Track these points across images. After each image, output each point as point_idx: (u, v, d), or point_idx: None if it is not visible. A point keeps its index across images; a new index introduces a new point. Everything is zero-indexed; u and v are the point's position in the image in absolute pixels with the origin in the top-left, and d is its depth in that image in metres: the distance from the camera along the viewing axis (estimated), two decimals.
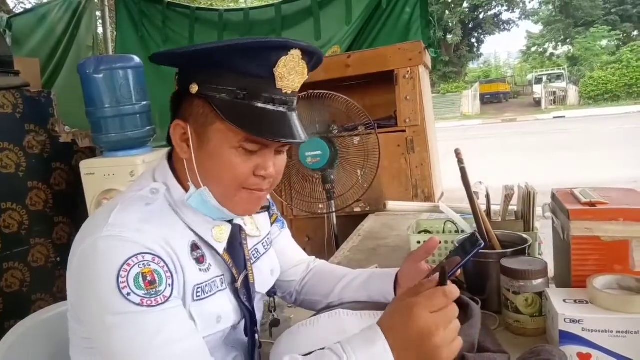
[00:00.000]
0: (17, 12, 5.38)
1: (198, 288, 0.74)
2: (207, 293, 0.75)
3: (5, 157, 2.26)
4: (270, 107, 0.71)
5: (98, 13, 3.97)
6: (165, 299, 0.66)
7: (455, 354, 0.62)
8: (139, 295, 0.64)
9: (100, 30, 4.02)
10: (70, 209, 2.53)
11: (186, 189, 0.78)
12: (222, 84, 0.70)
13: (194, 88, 0.71)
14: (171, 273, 0.68)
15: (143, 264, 0.65)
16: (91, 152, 2.61)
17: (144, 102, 2.28)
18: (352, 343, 0.62)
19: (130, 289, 0.64)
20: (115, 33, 3.78)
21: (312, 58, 0.75)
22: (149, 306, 0.64)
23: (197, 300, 0.73)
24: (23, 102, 2.34)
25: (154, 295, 0.65)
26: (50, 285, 2.43)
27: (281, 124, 0.72)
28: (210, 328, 0.75)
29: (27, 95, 2.37)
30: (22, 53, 3.40)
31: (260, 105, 0.71)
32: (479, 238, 0.82)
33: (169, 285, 0.67)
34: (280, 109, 0.72)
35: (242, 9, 3.52)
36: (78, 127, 2.72)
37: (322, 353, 0.63)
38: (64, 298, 0.78)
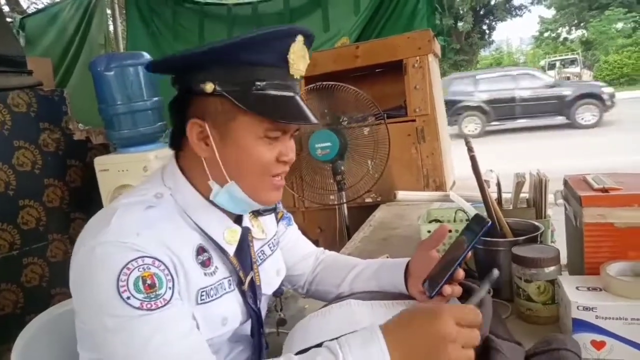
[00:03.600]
0: (30, 12, 5.43)
1: (202, 292, 0.74)
2: (212, 297, 0.75)
3: (22, 155, 2.31)
4: (284, 93, 0.74)
5: (109, 11, 3.99)
6: (165, 302, 0.66)
7: None
8: (138, 299, 0.64)
9: (111, 28, 4.05)
10: (85, 205, 2.57)
11: (200, 190, 0.78)
12: (240, 78, 0.72)
13: (210, 87, 0.72)
14: (172, 276, 0.69)
15: (143, 268, 0.66)
16: (105, 149, 2.64)
17: (155, 98, 2.30)
18: (349, 340, 0.63)
19: (130, 292, 0.64)
20: (126, 31, 3.81)
21: (311, 42, 0.77)
22: (148, 310, 0.65)
23: (201, 303, 0.73)
24: (37, 101, 2.38)
25: (153, 299, 0.65)
26: (68, 280, 2.47)
27: (296, 108, 0.75)
28: (215, 330, 0.75)
29: (40, 94, 2.40)
30: (35, 53, 3.45)
31: (277, 93, 0.73)
32: (484, 217, 0.82)
33: (169, 288, 0.67)
34: (290, 93, 0.75)
35: (250, 3, 3.50)
36: (92, 124, 2.76)
37: (317, 350, 0.64)
38: None
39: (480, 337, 0.64)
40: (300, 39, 0.74)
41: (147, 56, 2.29)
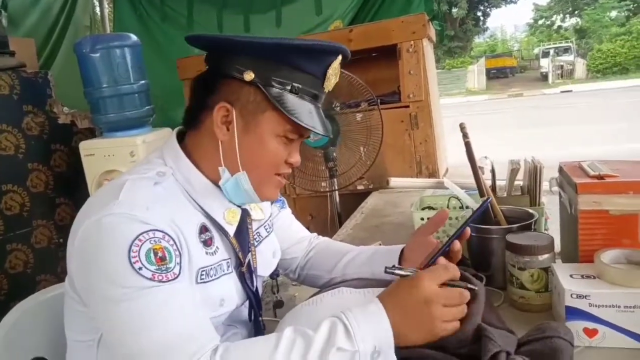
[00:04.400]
0: None
1: (202, 271, 0.75)
2: (211, 276, 0.76)
3: (4, 139, 2.25)
4: (311, 102, 0.78)
5: None
6: (175, 275, 0.67)
7: (448, 333, 0.67)
8: (150, 270, 0.65)
9: (97, 9, 3.94)
10: (71, 190, 2.53)
11: (204, 171, 0.79)
12: (281, 77, 0.75)
13: (250, 76, 0.74)
14: (179, 251, 0.70)
15: (154, 240, 0.66)
16: (91, 133, 2.60)
17: (142, 81, 2.25)
18: (352, 309, 0.68)
19: (142, 263, 0.64)
20: (112, 12, 3.71)
21: (345, 61, 0.81)
22: (160, 281, 0.65)
23: (200, 282, 0.74)
24: (20, 83, 2.32)
25: (164, 272, 0.66)
26: (53, 266, 2.45)
27: (319, 118, 0.79)
28: (213, 310, 0.75)
29: (23, 76, 2.34)
30: (19, 33, 3.33)
31: (308, 100, 0.78)
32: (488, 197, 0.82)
33: (177, 263, 0.68)
34: (316, 103, 0.79)
35: None
36: (77, 107, 2.69)
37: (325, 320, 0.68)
38: None
39: (464, 296, 0.69)
40: (339, 58, 0.79)
41: (133, 38, 2.23)
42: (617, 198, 0.83)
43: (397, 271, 0.71)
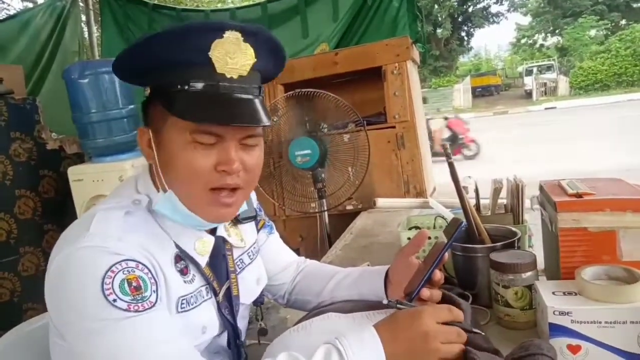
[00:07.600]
0: (1, 18, 5.29)
1: (182, 300, 0.73)
2: (192, 304, 0.75)
3: None
4: (214, 93, 0.69)
5: (83, 17, 3.92)
6: (152, 304, 0.66)
7: None
8: (125, 301, 0.63)
9: (86, 35, 3.97)
10: (59, 217, 2.51)
11: None
12: (166, 79, 0.70)
13: (147, 91, 0.74)
14: (155, 280, 0.68)
15: (127, 270, 0.65)
16: (79, 158, 2.59)
17: (131, 106, 2.26)
18: (346, 335, 0.67)
19: (116, 295, 0.63)
20: (101, 37, 3.74)
21: (257, 38, 0.71)
22: (136, 311, 0.64)
23: (181, 312, 0.73)
24: (7, 110, 2.32)
25: (140, 301, 0.64)
26: (41, 294, 2.37)
27: (230, 110, 0.69)
28: (195, 339, 0.75)
29: (11, 103, 2.35)
30: (7, 60, 3.35)
31: (205, 93, 0.68)
32: (461, 219, 0.83)
33: (154, 291, 0.67)
34: (234, 95, 0.70)
35: (228, 9, 3.50)
36: (66, 133, 2.69)
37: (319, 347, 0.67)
38: None
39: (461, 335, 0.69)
40: (232, 35, 0.68)
41: None
42: (595, 215, 0.85)
43: (399, 305, 0.72)
